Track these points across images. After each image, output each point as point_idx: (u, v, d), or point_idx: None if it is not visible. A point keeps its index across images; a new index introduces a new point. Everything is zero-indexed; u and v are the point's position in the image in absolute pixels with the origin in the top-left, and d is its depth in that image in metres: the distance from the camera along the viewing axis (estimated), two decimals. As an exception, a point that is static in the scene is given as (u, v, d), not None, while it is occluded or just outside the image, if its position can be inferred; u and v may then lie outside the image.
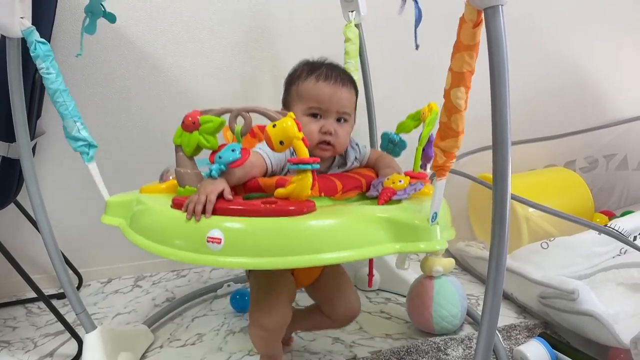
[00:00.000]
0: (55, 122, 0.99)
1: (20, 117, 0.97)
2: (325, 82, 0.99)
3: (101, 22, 1.15)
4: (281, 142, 0.77)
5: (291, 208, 0.75)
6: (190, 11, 1.65)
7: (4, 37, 0.93)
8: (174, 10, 1.63)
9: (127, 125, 1.67)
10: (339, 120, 1.01)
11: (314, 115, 1.00)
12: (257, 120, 0.90)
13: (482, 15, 0.62)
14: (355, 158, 1.08)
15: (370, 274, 1.52)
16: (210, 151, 0.88)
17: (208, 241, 0.72)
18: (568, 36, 2.06)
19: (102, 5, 1.12)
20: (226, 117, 0.91)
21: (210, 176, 0.81)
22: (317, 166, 0.77)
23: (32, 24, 0.91)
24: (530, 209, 1.50)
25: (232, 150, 0.81)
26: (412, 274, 1.47)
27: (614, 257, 1.30)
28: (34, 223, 1.53)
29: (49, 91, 0.95)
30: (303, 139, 0.77)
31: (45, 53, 0.92)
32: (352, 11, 1.42)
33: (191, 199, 0.78)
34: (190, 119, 0.89)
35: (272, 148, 0.79)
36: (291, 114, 0.79)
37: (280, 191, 0.79)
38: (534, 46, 1.99)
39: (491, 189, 0.71)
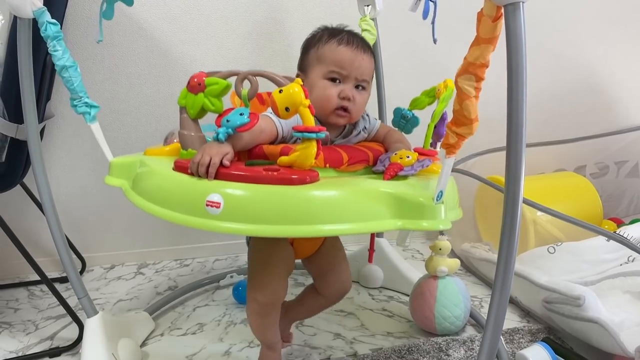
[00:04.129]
0: (65, 106, 0.99)
1: (29, 98, 0.97)
2: (347, 46, 0.97)
3: (115, 5, 1.14)
4: (287, 109, 0.75)
5: (294, 177, 0.73)
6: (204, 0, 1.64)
7: (16, 18, 0.92)
8: (188, -3, 1.63)
9: (136, 113, 1.66)
10: (357, 87, 0.99)
11: (333, 80, 0.97)
12: (264, 86, 0.87)
13: (502, 12, 0.61)
14: (364, 128, 1.05)
15: (371, 249, 1.51)
16: (216, 115, 0.86)
17: (207, 205, 0.71)
18: (584, 40, 2.03)
19: (118, -12, 1.12)
20: (233, 80, 0.88)
21: (216, 139, 0.79)
22: (323, 135, 0.75)
23: (44, 5, 0.91)
24: (538, 213, 1.49)
25: (241, 114, 0.79)
26: (416, 273, 1.46)
27: (621, 265, 1.29)
28: (39, 206, 1.53)
29: (56, 68, 0.94)
30: (309, 107, 0.75)
31: (55, 34, 0.91)
32: (367, 5, 1.40)
33: (194, 161, 0.76)
34: (195, 80, 0.88)
35: (277, 114, 0.77)
36: (298, 79, 0.76)
37: (283, 159, 0.78)
38: (549, 48, 1.97)
39: (501, 191, 0.69)
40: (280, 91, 0.75)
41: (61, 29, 0.93)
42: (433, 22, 1.19)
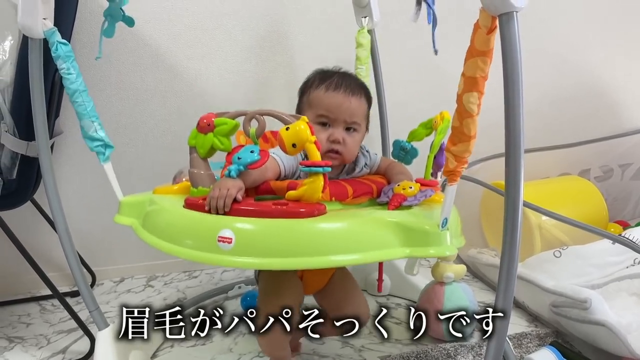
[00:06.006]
0: (73, 122, 1.01)
1: (40, 116, 0.99)
2: (334, 91, 1.01)
3: (119, 24, 1.17)
4: (294, 145, 0.78)
5: (302, 210, 0.76)
6: (207, 15, 1.67)
7: (25, 38, 0.95)
8: (192, 13, 1.65)
9: (142, 127, 1.69)
10: (348, 129, 1.02)
11: (323, 124, 1.01)
12: (271, 124, 0.91)
13: (497, 22, 0.63)
14: (365, 164, 1.09)
15: (380, 279, 1.51)
16: (225, 153, 0.89)
17: (219, 241, 0.73)
18: (585, 44, 2.04)
19: (121, 9, 1.14)
20: (240, 120, 0.92)
21: (228, 176, 0.82)
22: (329, 169, 0.78)
23: (54, 25, 0.93)
24: (544, 217, 1.49)
25: (251, 152, 0.82)
26: (422, 279, 1.47)
27: (627, 267, 1.29)
28: (50, 221, 1.55)
29: (68, 91, 0.96)
30: (315, 143, 0.78)
31: (66, 54, 0.94)
32: (365, 17, 1.42)
33: (212, 196, 0.79)
34: (205, 120, 0.91)
35: (285, 151, 0.80)
36: (304, 117, 0.80)
37: (291, 193, 0.80)
38: (550, 53, 1.98)
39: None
40: (287, 129, 0.78)
41: (69, 47, 0.96)
42: (433, 33, 1.21)
